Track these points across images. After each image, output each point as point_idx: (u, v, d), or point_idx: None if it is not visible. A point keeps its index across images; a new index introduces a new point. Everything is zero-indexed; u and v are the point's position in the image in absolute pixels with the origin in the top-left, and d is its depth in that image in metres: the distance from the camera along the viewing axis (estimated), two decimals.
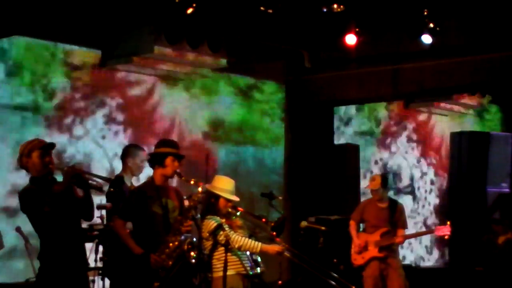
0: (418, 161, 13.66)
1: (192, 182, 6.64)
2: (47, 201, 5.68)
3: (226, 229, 6.36)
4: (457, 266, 11.79)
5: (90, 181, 5.92)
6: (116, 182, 7.07)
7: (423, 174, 13.73)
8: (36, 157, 5.81)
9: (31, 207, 5.75)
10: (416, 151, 13.63)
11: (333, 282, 6.72)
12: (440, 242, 13.37)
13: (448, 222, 8.86)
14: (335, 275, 6.76)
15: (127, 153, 7.54)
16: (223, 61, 9.61)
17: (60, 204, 5.74)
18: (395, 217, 8.70)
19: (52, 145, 5.94)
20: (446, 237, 8.80)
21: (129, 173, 7.47)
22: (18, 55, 8.64)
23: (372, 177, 9.02)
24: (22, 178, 6.43)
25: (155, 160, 6.49)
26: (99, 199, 7.07)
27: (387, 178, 8.84)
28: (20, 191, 5.91)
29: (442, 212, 13.59)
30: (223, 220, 6.48)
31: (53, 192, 5.74)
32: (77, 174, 5.85)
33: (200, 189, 6.42)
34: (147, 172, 7.20)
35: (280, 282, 7.51)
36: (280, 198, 9.76)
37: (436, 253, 13.79)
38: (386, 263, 8.65)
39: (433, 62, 9.97)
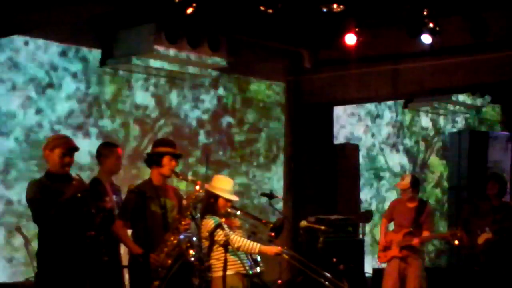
0: None
1: (189, 181, 6.66)
2: (52, 199, 5.70)
3: (226, 229, 6.36)
4: (457, 266, 11.80)
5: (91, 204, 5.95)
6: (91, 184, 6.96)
7: None
8: (58, 155, 5.88)
9: (34, 200, 5.77)
10: None
11: (331, 285, 6.71)
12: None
13: (459, 228, 8.91)
14: (332, 277, 6.73)
15: (101, 152, 7.17)
16: (223, 61, 9.61)
17: (62, 211, 5.75)
18: (421, 218, 8.71)
19: (76, 149, 5.97)
20: (456, 242, 8.87)
21: (108, 172, 7.10)
22: None
23: (403, 176, 9.02)
24: None
25: (152, 160, 6.49)
26: None
27: (417, 178, 8.85)
28: (30, 181, 5.96)
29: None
30: (223, 220, 6.47)
31: (62, 191, 5.76)
32: (83, 193, 5.86)
33: (197, 187, 6.43)
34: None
35: (279, 281, 7.51)
36: (280, 198, 9.79)
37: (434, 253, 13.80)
38: (407, 262, 8.71)
39: (433, 62, 9.96)
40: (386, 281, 8.84)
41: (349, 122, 12.53)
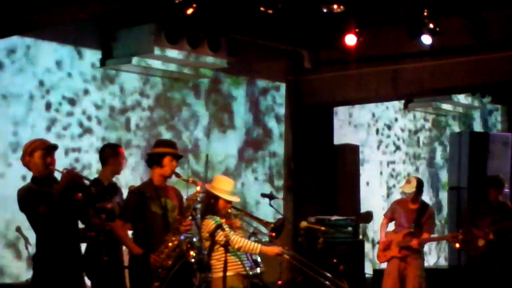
0: None
1: (190, 182, 6.65)
2: (44, 202, 5.68)
3: (226, 229, 6.35)
4: (457, 266, 11.79)
5: (87, 187, 5.93)
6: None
7: None
8: (38, 157, 5.84)
9: (28, 207, 5.77)
10: None
11: (332, 285, 6.71)
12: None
13: (460, 231, 8.92)
14: (332, 277, 6.73)
15: (104, 153, 7.21)
16: (223, 61, 9.61)
17: (58, 205, 5.73)
18: (422, 220, 8.74)
19: (54, 147, 5.95)
20: (457, 245, 8.88)
21: (110, 172, 7.13)
22: None
23: (408, 179, 9.00)
24: None
25: (153, 160, 6.49)
26: None
27: (422, 181, 8.88)
28: (19, 189, 5.92)
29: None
30: (223, 220, 6.46)
31: (52, 193, 5.75)
32: (75, 178, 5.84)
33: (198, 188, 6.43)
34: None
35: (280, 282, 7.51)
36: (280, 198, 9.77)
37: (434, 254, 13.79)
38: (406, 262, 8.73)
39: (433, 62, 9.97)
40: (385, 281, 8.87)
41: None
